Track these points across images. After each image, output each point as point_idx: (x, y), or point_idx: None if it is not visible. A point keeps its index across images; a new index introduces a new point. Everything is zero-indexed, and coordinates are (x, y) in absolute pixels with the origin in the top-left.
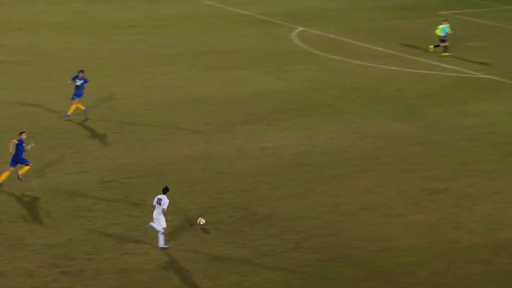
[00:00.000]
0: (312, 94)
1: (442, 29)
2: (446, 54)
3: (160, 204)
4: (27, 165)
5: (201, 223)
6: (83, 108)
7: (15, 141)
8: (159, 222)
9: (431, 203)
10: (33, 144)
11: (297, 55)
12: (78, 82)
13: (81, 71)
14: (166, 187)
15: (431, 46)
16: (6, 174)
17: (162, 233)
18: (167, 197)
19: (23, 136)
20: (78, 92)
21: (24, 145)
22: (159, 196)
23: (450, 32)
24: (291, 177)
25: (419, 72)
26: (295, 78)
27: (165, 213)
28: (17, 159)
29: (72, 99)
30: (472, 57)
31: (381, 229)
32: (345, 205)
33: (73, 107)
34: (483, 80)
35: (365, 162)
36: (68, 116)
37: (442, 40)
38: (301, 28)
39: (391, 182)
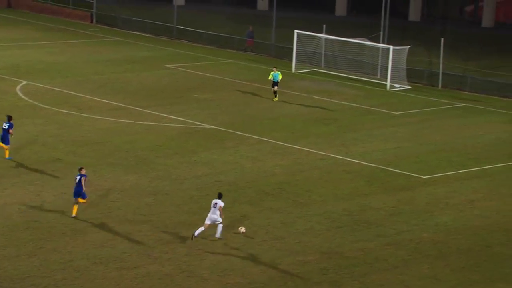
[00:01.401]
0: (40, 149)
1: (274, 76)
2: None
3: (215, 207)
4: (84, 199)
5: (242, 231)
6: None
7: (84, 178)
8: (216, 219)
9: (164, 253)
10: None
11: (22, 109)
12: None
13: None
14: (220, 193)
15: (275, 98)
16: (75, 207)
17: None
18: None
19: (83, 171)
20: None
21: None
22: (214, 201)
23: (276, 79)
24: (19, 235)
25: (148, 124)
26: (22, 133)
27: (221, 210)
28: (79, 192)
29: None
30: (198, 108)
31: (115, 283)
32: (78, 261)
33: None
34: (209, 130)
35: (98, 216)
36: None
37: (275, 83)
38: (25, 82)
39: (124, 234)
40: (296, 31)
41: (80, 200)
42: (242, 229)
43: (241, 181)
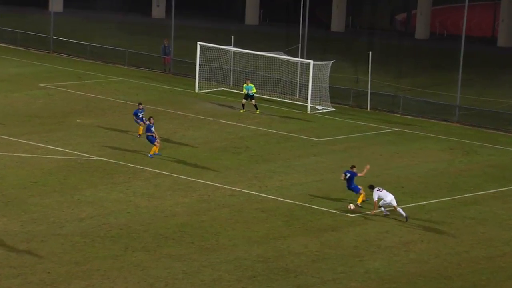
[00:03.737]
0: None
1: (246, 88)
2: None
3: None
4: (359, 193)
5: (352, 208)
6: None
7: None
8: (393, 201)
9: None
10: (368, 167)
11: None
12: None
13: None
14: (371, 185)
15: (243, 110)
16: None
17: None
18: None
19: (355, 170)
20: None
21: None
22: (378, 188)
23: (254, 91)
24: None
25: (19, 156)
26: None
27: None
28: (349, 188)
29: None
30: (81, 136)
31: None
32: None
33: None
34: (95, 162)
35: None
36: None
37: (250, 97)
38: None
39: None
40: (199, 43)
41: (358, 199)
42: (351, 206)
43: (134, 223)
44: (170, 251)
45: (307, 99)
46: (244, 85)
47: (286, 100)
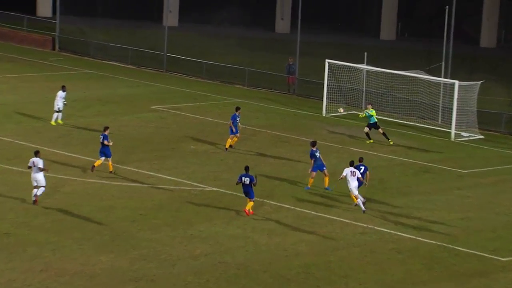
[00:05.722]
0: None
1: (366, 114)
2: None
3: (355, 175)
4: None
5: (341, 111)
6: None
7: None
8: (354, 190)
9: None
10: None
11: None
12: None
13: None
14: (352, 160)
15: (371, 141)
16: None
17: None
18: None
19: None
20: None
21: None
22: (351, 169)
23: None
24: None
25: (128, 186)
26: None
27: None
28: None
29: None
30: (195, 164)
31: None
32: None
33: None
34: (211, 193)
35: None
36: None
37: (373, 125)
38: None
39: None
40: (327, 60)
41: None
42: (341, 110)
43: (253, 262)
44: None
45: (450, 124)
46: (364, 110)
47: (427, 126)
